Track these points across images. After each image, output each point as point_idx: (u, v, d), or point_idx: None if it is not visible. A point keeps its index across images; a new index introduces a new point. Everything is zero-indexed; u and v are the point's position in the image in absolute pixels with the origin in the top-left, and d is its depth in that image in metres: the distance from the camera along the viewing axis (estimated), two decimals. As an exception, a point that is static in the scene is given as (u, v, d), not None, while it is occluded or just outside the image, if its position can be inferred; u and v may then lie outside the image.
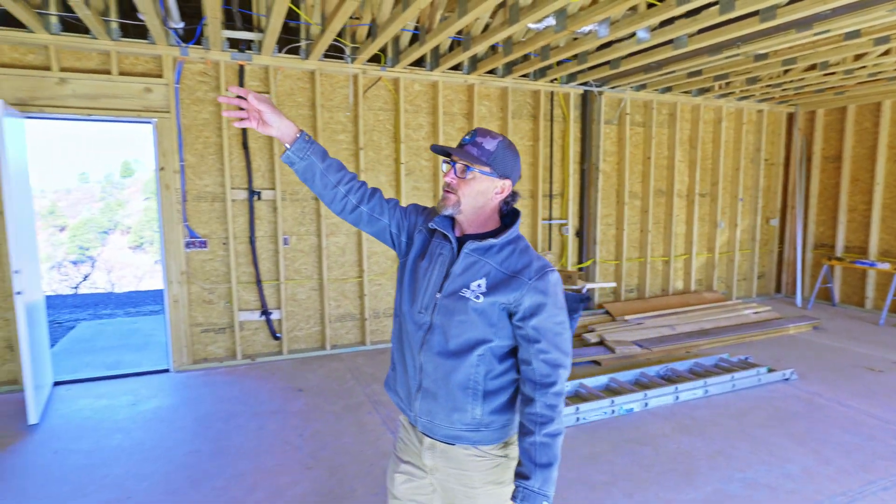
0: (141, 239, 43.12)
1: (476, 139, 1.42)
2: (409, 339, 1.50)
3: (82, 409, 3.82)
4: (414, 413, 1.50)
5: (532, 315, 1.38)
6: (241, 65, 4.54)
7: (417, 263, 1.52)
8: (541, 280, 1.38)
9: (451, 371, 1.42)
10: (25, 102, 4.02)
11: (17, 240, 3.51)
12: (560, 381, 1.39)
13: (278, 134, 1.44)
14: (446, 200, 1.44)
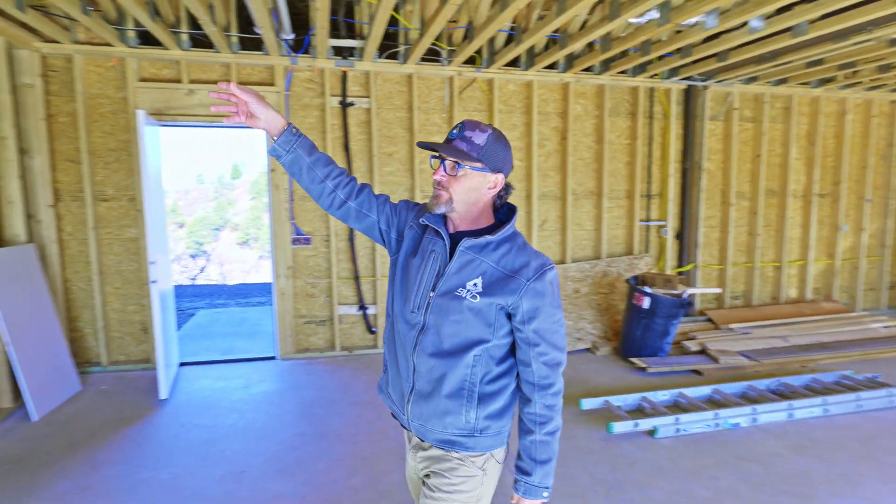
0: (247, 235, 46.53)
1: (464, 133, 1.35)
2: (401, 339, 1.45)
3: (203, 389, 4.21)
4: (406, 417, 1.47)
5: (531, 318, 1.35)
6: (343, 71, 4.78)
7: (409, 261, 1.46)
8: (539, 280, 1.34)
9: (446, 372, 1.37)
10: (161, 112, 4.50)
11: (153, 234, 3.94)
12: (558, 380, 1.39)
13: (266, 126, 1.42)
14: (438, 199, 1.38)
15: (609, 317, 5.33)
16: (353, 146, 4.93)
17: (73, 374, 4.13)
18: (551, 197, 5.45)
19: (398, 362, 1.47)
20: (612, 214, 5.65)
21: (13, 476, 2.91)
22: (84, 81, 4.34)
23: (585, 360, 4.82)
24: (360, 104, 4.88)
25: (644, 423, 3.44)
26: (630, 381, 4.31)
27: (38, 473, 2.94)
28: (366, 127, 4.93)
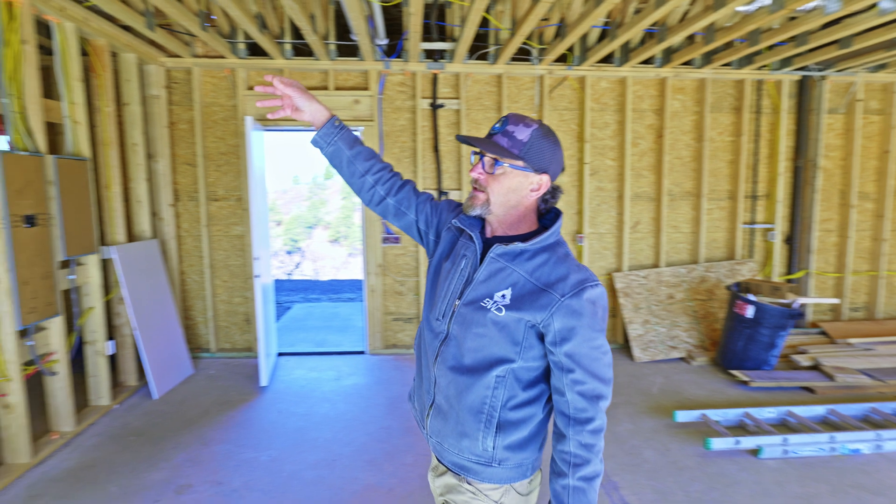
0: (338, 234, 48.67)
1: (507, 127, 1.21)
2: (426, 348, 1.36)
3: (298, 379, 4.45)
4: (426, 431, 1.36)
5: (564, 340, 1.16)
6: (434, 73, 4.87)
7: (442, 265, 1.37)
8: (575, 297, 1.15)
9: (464, 390, 1.24)
10: (264, 118, 4.81)
11: (257, 232, 4.23)
12: (598, 416, 1.17)
13: (310, 118, 1.40)
14: (474, 199, 1.25)
15: (706, 325, 5.02)
16: (443, 147, 5.00)
17: (186, 359, 4.52)
18: (645, 198, 5.21)
19: (422, 371, 1.38)
20: (711, 216, 5.31)
21: (138, 446, 3.24)
22: (201, 91, 4.75)
23: (680, 370, 4.57)
24: (449, 105, 4.94)
25: (747, 440, 3.21)
26: (729, 395, 4.03)
27: (158, 445, 3.26)
28: (455, 128, 4.98)
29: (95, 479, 2.89)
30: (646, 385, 4.24)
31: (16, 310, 2.90)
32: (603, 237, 5.20)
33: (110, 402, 3.80)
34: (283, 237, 47.16)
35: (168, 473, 2.96)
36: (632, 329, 4.91)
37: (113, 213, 3.98)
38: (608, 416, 3.66)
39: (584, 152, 5.05)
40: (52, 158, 3.25)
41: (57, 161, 3.29)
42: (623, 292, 5.03)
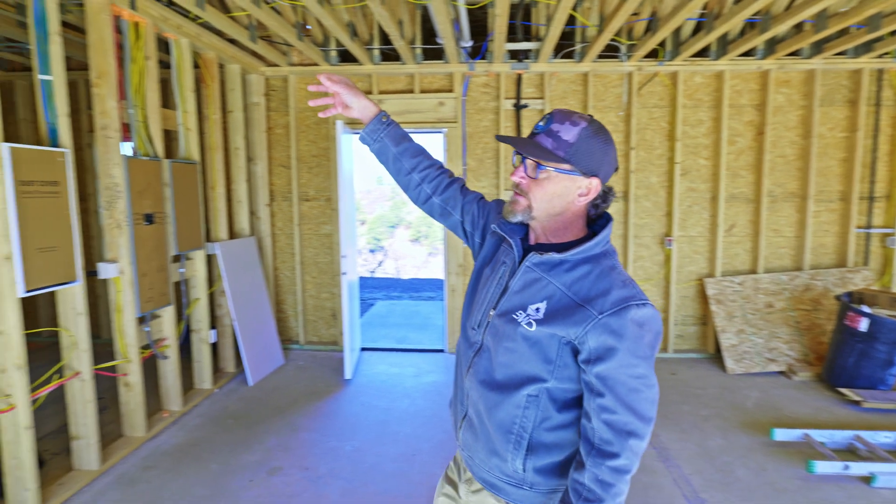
0: (418, 233, 49.60)
1: (551, 126, 1.08)
2: (460, 357, 1.29)
3: (380, 374, 4.60)
4: (458, 442, 1.30)
5: (599, 360, 1.02)
6: (518, 74, 4.84)
7: (483, 270, 1.28)
8: (616, 315, 1.02)
9: (494, 406, 1.14)
10: (354, 121, 5.02)
11: (345, 231, 4.42)
12: (625, 454, 1.01)
13: (359, 114, 1.36)
14: (514, 205, 1.14)
15: (811, 338, 4.61)
16: (525, 148, 4.95)
17: (278, 350, 4.81)
18: (741, 199, 4.88)
19: (457, 381, 1.31)
20: (819, 220, 4.88)
21: (235, 428, 3.50)
22: (295, 98, 5.03)
23: (779, 385, 4.24)
24: (533, 106, 4.90)
25: (857, 466, 2.92)
26: (837, 415, 3.69)
27: (253, 429, 3.49)
28: (538, 128, 4.93)
29: (199, 455, 3.16)
30: (740, 399, 3.97)
31: (136, 299, 3.23)
32: (694, 240, 4.93)
33: (212, 386, 4.12)
34: (367, 236, 48.76)
35: (261, 456, 3.16)
36: (724, 338, 4.61)
37: (217, 212, 4.32)
38: (697, 428, 3.47)
39: (674, 151, 4.81)
40: (167, 162, 3.58)
41: (172, 165, 3.61)
42: (715, 299, 4.74)
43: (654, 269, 5.00)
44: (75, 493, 2.74)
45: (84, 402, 2.86)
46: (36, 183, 2.56)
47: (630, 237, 4.91)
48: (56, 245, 2.66)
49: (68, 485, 2.76)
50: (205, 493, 2.77)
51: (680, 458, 3.13)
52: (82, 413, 2.87)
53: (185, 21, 3.69)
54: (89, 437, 2.89)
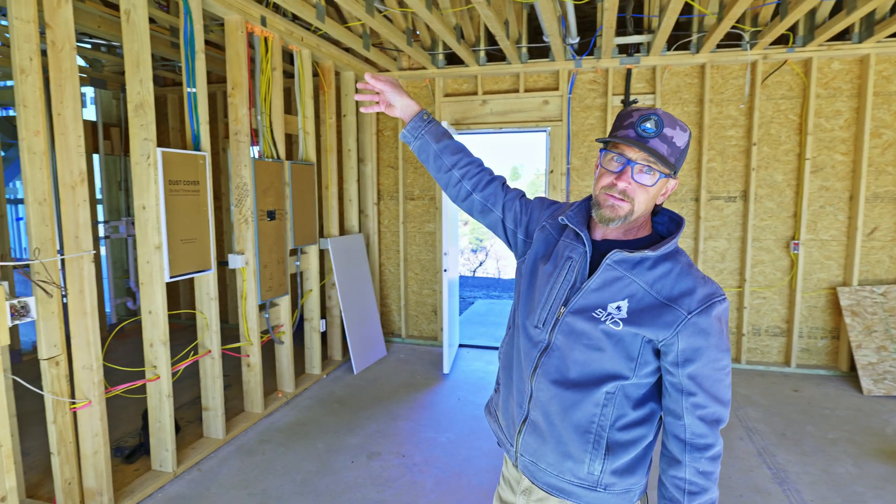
0: (522, 234, 49.15)
1: (664, 131, 1.05)
2: (520, 357, 1.22)
3: (476, 370, 4.66)
4: (515, 449, 1.23)
5: (688, 361, 1.04)
6: (628, 68, 4.66)
7: (539, 267, 1.23)
8: (703, 314, 1.03)
9: (570, 407, 1.12)
10: (458, 122, 5.12)
11: (447, 230, 4.53)
12: (717, 441, 1.07)
13: (401, 113, 1.37)
14: (615, 210, 1.09)
15: (976, 361, 3.96)
16: (633, 145, 4.76)
17: (381, 342, 5.05)
18: (887, 199, 4.31)
19: (513, 384, 1.25)
20: None
21: (340, 412, 3.73)
22: (403, 100, 5.23)
23: (931, 413, 3.69)
24: (643, 101, 4.69)
25: None
26: None
27: (356, 414, 3.71)
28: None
29: (307, 434, 3.41)
30: (877, 424, 3.52)
31: (258, 287, 3.56)
32: (826, 245, 4.44)
33: (321, 372, 4.43)
34: (469, 236, 49.31)
35: (362, 440, 3.35)
36: (861, 355, 4.10)
37: (330, 209, 4.63)
38: (821, 452, 3.14)
39: (804, 146, 4.36)
40: (288, 164, 3.91)
41: (291, 166, 3.94)
42: (850, 311, 4.23)
43: (777, 275, 4.56)
44: (204, 458, 3.09)
45: (213, 378, 3.21)
46: (181, 182, 2.92)
47: (748, 240, 4.53)
48: (195, 237, 3.02)
49: (199, 449, 3.12)
50: (311, 469, 3.00)
51: (800, 482, 2.84)
52: (212, 387, 3.22)
53: (307, 33, 3.99)
54: (216, 409, 3.24)
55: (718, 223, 4.64)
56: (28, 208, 2.24)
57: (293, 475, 2.94)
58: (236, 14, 3.30)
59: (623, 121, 1.10)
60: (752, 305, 4.62)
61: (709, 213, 4.64)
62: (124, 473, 2.89)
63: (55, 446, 2.38)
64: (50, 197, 2.30)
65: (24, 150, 2.22)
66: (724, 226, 4.63)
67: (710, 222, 4.65)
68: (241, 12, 3.31)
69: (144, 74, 2.70)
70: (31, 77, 2.22)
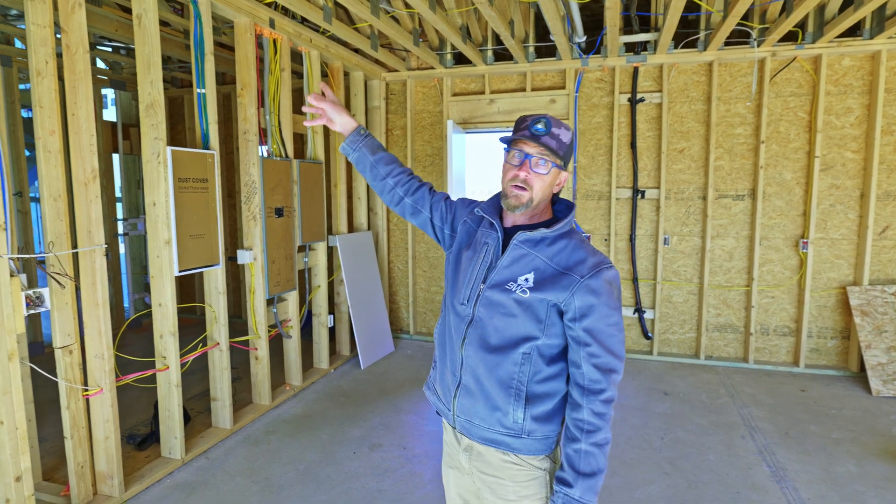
0: (539, 234, 49.08)
1: (552, 130, 1.28)
2: (451, 332, 1.42)
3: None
4: (452, 412, 1.42)
5: (583, 316, 1.25)
6: (635, 67, 4.66)
7: (463, 254, 1.45)
8: (594, 278, 1.25)
9: (494, 367, 1.31)
10: (466, 121, 5.17)
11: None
12: (610, 387, 1.25)
13: (340, 129, 1.56)
14: (519, 199, 1.31)
15: None
16: (641, 143, 4.76)
17: (388, 338, 5.12)
18: (901, 198, 4.24)
19: (447, 356, 1.44)
20: None
21: (345, 405, 3.82)
22: (412, 100, 5.31)
23: (941, 415, 3.64)
24: (650, 99, 4.69)
25: None
26: None
27: (361, 407, 3.78)
28: (655, 123, 4.71)
29: (312, 425, 3.50)
30: (883, 425, 3.48)
31: (265, 282, 3.66)
32: (836, 244, 4.39)
33: (328, 366, 4.52)
34: (487, 236, 49.35)
35: (365, 432, 3.42)
36: (870, 355, 4.05)
37: (338, 207, 4.72)
38: (824, 451, 3.13)
39: (813, 144, 4.32)
40: (296, 162, 4.00)
41: (300, 164, 4.03)
42: (860, 310, 4.18)
43: (786, 274, 4.52)
44: (212, 447, 3.20)
45: (221, 370, 3.31)
46: (190, 180, 3.03)
47: (756, 239, 4.50)
48: (203, 233, 3.13)
49: (207, 438, 3.23)
50: (315, 459, 3.08)
51: (798, 480, 2.83)
52: (220, 378, 3.33)
53: (315, 35, 4.09)
54: (224, 399, 3.35)
55: (726, 221, 4.61)
56: (43, 203, 2.36)
57: (296, 464, 3.02)
58: (245, 17, 3.40)
59: (520, 125, 1.33)
60: (760, 304, 4.59)
61: (716, 211, 4.62)
62: (136, 460, 3.01)
63: (69, 431, 2.49)
64: (65, 193, 2.42)
65: (40, 148, 2.33)
66: (732, 224, 4.60)
67: (718, 221, 4.63)
68: (250, 15, 3.41)
69: (155, 76, 2.81)
70: (47, 79, 2.33)
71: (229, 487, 2.79)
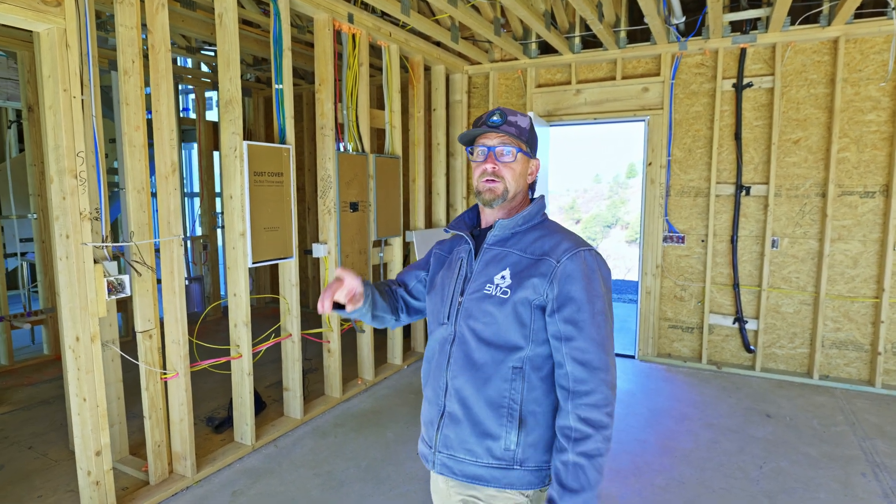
0: (636, 235, 46.77)
1: (508, 119, 1.23)
2: (434, 359, 1.28)
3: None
4: (433, 449, 1.24)
5: (562, 306, 1.12)
6: (742, 48, 4.18)
7: (436, 279, 1.35)
8: (571, 260, 1.14)
9: (482, 386, 1.17)
10: (551, 113, 4.93)
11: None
12: (600, 387, 1.09)
13: None
14: (492, 192, 1.23)
15: None
16: (747, 134, 4.26)
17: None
18: None
19: (430, 388, 1.29)
20: None
21: (414, 403, 3.76)
22: (495, 93, 5.15)
23: None
24: (759, 84, 4.18)
25: None
26: None
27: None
28: (765, 110, 4.19)
29: (379, 422, 3.47)
30: None
31: (339, 276, 3.68)
32: None
33: (401, 362, 4.49)
34: (581, 235, 47.78)
35: (432, 432, 3.34)
36: None
37: (416, 202, 4.67)
38: None
39: (970, 132, 3.62)
40: (373, 157, 4.00)
41: (376, 159, 4.02)
42: None
43: (928, 286, 3.84)
44: (281, 435, 3.27)
45: (293, 360, 3.38)
46: (265, 174, 3.09)
47: (889, 244, 3.85)
48: (278, 226, 3.19)
49: (277, 427, 3.31)
50: (377, 457, 3.04)
51: (936, 535, 2.35)
52: (291, 369, 3.39)
53: (395, 28, 4.06)
54: (295, 390, 3.41)
55: (851, 222, 4.00)
56: (127, 195, 2.50)
57: (359, 461, 3.00)
58: (324, 13, 3.43)
59: (476, 123, 1.27)
60: (892, 320, 3.94)
61: (838, 210, 4.02)
62: (212, 442, 3.14)
63: (147, 411, 2.63)
64: (147, 185, 2.55)
65: (125, 143, 2.47)
66: (858, 226, 3.98)
67: (841, 221, 4.02)
68: (329, 10, 3.43)
69: (233, 73, 2.89)
70: (133, 78, 2.46)
71: (293, 478, 2.82)
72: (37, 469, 2.88)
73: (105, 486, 2.35)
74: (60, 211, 2.21)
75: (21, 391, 3.93)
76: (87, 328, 2.26)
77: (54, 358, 4.62)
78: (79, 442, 2.31)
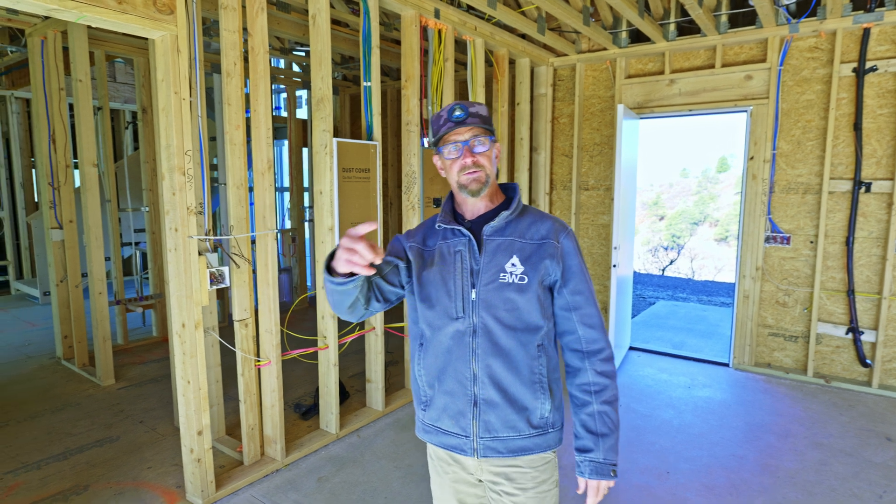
0: (726, 233, 43.92)
1: (470, 110, 1.28)
2: (450, 357, 1.29)
3: (645, 377, 4.25)
4: (471, 437, 1.28)
5: (568, 280, 1.29)
6: (864, 28, 3.75)
7: (427, 277, 1.34)
8: (566, 239, 1.30)
9: (514, 368, 1.26)
10: (641, 105, 4.69)
11: (620, 222, 4.20)
12: (606, 344, 1.29)
13: None
14: (478, 180, 1.28)
15: None
16: (868, 124, 3.84)
17: (545, 335, 4.91)
18: None
19: (449, 383, 1.30)
20: None
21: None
22: (581, 86, 4.98)
23: None
24: (884, 68, 3.74)
25: None
26: None
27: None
28: (891, 97, 3.75)
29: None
30: None
31: (421, 271, 3.71)
32: None
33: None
34: (665, 232, 45.52)
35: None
36: None
37: (497, 198, 4.62)
38: None
39: None
40: (455, 152, 3.99)
41: (459, 154, 4.01)
42: None
43: None
44: (363, 426, 3.35)
45: (376, 353, 3.45)
46: (353, 170, 3.17)
47: None
48: (364, 220, 3.26)
49: (360, 417, 3.39)
50: (457, 453, 3.03)
51: None
52: (374, 361, 3.46)
53: (480, 22, 4.01)
54: (377, 382, 3.48)
55: None
56: (228, 191, 2.64)
57: (439, 456, 3.01)
58: (411, 9, 3.45)
59: (438, 122, 1.31)
60: None
61: (982, 210, 3.52)
62: (299, 428, 3.28)
63: (243, 395, 2.78)
64: (245, 181, 2.68)
65: (226, 141, 2.61)
66: None
67: (984, 223, 3.53)
68: (416, 7, 3.45)
69: (325, 71, 2.97)
70: (235, 79, 2.59)
71: (374, 468, 2.88)
72: (147, 442, 3.13)
73: (205, 463, 2.51)
74: (170, 205, 2.37)
75: (134, 369, 4.30)
76: (191, 316, 2.42)
77: (161, 340, 5.02)
78: (183, 421, 2.48)
